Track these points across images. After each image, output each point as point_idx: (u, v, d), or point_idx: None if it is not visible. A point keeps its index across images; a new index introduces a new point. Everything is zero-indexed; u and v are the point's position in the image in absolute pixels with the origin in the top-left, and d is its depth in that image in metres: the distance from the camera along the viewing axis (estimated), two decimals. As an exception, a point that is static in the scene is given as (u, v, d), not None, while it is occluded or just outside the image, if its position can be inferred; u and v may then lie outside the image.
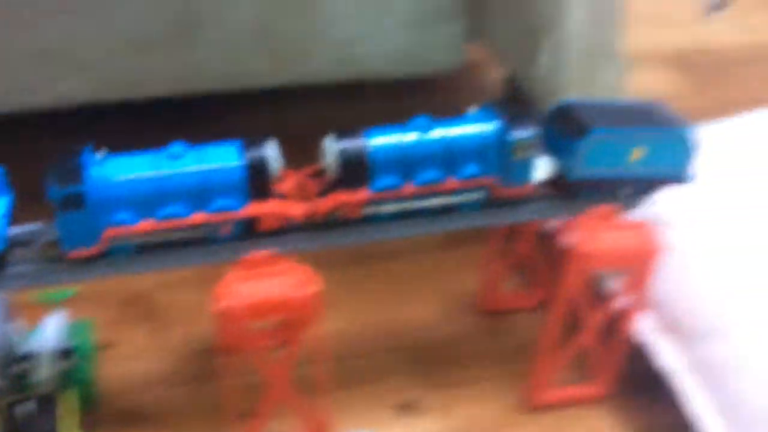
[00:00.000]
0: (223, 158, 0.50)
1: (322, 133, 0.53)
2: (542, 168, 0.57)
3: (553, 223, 0.64)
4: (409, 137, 0.53)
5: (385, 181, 0.53)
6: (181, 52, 0.86)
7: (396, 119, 1.02)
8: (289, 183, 0.53)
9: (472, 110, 0.56)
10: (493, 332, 0.69)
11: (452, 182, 0.54)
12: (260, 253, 0.51)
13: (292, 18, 0.87)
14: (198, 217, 0.50)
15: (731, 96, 1.06)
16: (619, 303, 0.59)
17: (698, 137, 0.57)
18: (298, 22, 0.88)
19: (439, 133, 0.53)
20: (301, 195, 0.53)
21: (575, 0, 0.77)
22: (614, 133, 0.55)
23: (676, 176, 0.58)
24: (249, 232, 0.52)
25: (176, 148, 0.49)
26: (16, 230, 0.50)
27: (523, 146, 0.53)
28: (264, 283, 0.49)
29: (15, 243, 0.50)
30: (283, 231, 0.53)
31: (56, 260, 0.49)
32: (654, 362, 0.58)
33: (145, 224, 0.49)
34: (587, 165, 0.55)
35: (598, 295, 0.59)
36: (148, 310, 0.72)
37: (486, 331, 0.69)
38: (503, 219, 0.57)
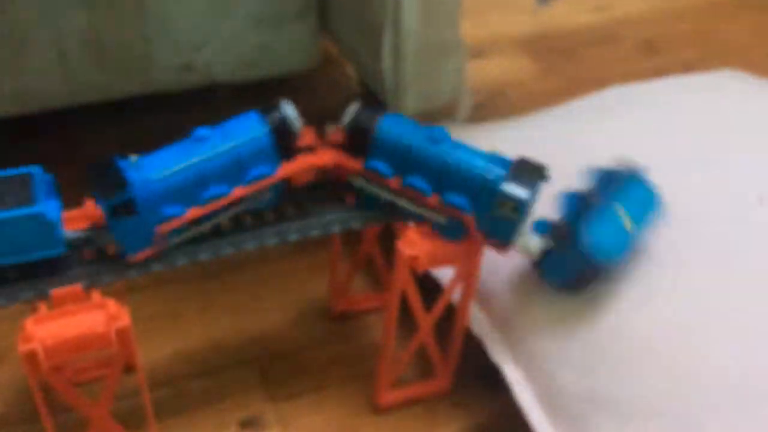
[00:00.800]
0: (247, 130, 0.52)
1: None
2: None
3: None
4: (413, 139, 0.54)
5: (378, 165, 0.55)
6: (8, 72, 0.82)
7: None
8: (308, 137, 0.56)
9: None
10: (343, 336, 0.70)
11: (432, 200, 0.54)
12: (67, 288, 0.49)
13: (125, 25, 0.84)
14: (238, 191, 0.52)
15: (578, 77, 1.09)
16: (452, 299, 0.61)
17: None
18: (132, 29, 0.84)
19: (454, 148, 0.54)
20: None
21: (408, -2, 0.77)
22: None
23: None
24: (287, 191, 0.55)
25: (201, 132, 0.51)
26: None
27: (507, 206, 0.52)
28: (67, 321, 0.48)
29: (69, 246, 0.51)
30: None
31: (112, 260, 0.51)
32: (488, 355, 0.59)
33: (193, 211, 0.51)
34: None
35: (436, 292, 0.60)
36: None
37: (336, 336, 0.70)
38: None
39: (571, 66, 1.13)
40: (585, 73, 1.11)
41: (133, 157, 0.51)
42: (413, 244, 0.55)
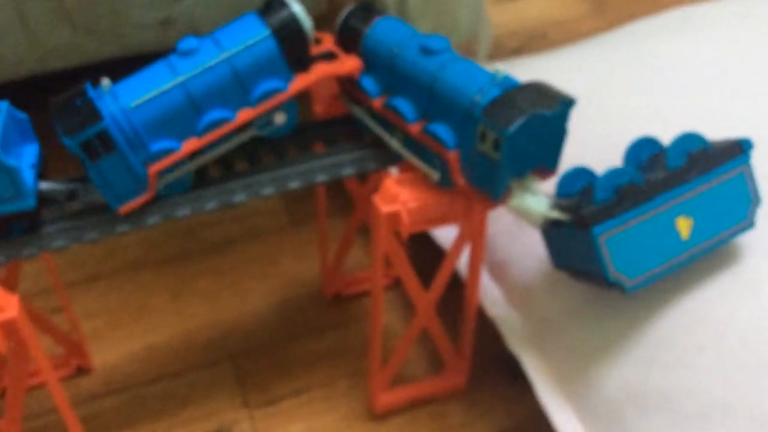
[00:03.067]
0: (245, 35, 0.40)
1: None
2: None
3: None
4: (403, 48, 0.42)
5: (364, 80, 0.43)
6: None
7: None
8: (328, 42, 0.45)
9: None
10: (337, 324, 0.57)
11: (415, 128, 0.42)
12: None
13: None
14: (244, 113, 0.41)
15: (634, 13, 0.94)
16: (459, 269, 0.47)
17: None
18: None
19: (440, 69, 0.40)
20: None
21: None
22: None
23: None
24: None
25: (187, 42, 0.40)
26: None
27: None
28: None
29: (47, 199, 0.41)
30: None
31: (100, 213, 0.41)
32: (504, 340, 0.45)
33: (190, 144, 0.40)
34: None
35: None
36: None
37: (328, 325, 0.57)
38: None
39: (621, 2, 0.97)
40: (641, 7, 0.95)
41: (106, 82, 0.39)
42: (393, 198, 0.42)
